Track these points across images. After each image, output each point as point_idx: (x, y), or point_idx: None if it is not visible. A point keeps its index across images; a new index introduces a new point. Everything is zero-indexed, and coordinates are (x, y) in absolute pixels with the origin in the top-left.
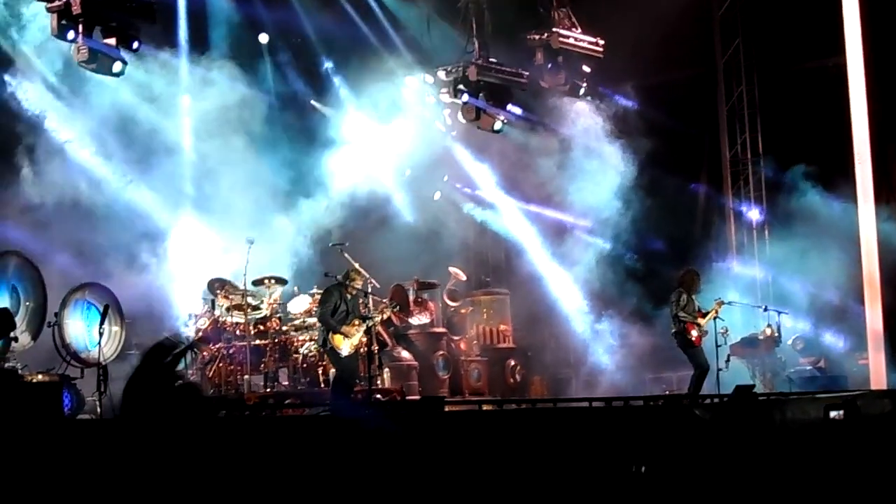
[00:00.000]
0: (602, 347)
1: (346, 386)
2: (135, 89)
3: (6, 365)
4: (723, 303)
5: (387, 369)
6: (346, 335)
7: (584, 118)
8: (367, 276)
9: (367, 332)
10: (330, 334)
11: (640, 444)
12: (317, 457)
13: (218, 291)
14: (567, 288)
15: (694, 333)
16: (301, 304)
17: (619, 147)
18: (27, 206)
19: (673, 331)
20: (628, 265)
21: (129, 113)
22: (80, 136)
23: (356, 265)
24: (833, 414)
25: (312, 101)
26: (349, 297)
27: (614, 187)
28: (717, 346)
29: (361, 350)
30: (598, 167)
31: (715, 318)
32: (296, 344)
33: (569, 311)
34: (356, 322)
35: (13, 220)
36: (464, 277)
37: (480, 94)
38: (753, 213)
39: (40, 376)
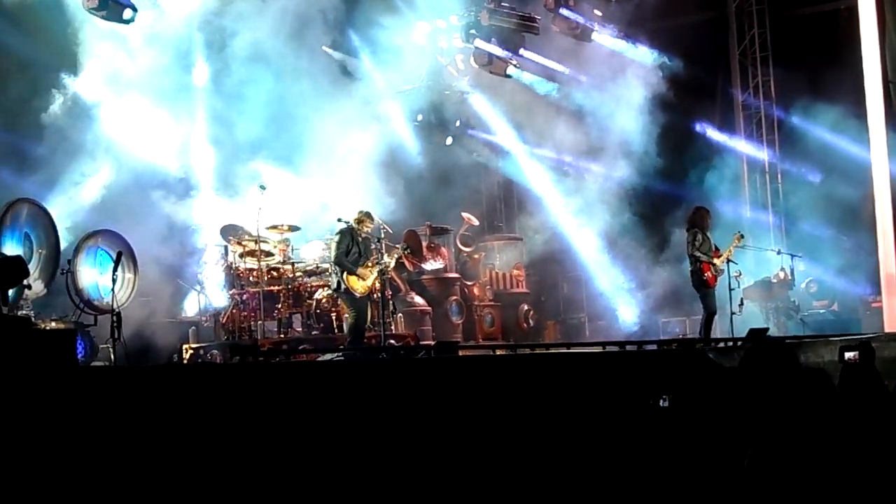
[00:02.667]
0: (615, 292)
1: (360, 331)
2: (147, 35)
3: (20, 312)
4: (742, 236)
5: (400, 314)
6: (361, 277)
7: (595, 62)
8: (380, 221)
9: (381, 276)
10: (345, 276)
11: (654, 388)
12: (330, 403)
13: (231, 238)
14: (580, 233)
15: (708, 274)
16: (314, 250)
17: (631, 91)
18: (43, 156)
19: (689, 271)
20: (641, 209)
21: (145, 59)
22: (95, 83)
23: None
24: (848, 355)
25: (324, 47)
26: (360, 239)
27: (627, 131)
28: (731, 289)
29: (375, 295)
30: (611, 111)
31: (728, 261)
32: (309, 290)
33: (582, 255)
34: (369, 264)
35: (26, 168)
36: (476, 223)
37: (492, 39)
38: (766, 157)
39: (54, 324)
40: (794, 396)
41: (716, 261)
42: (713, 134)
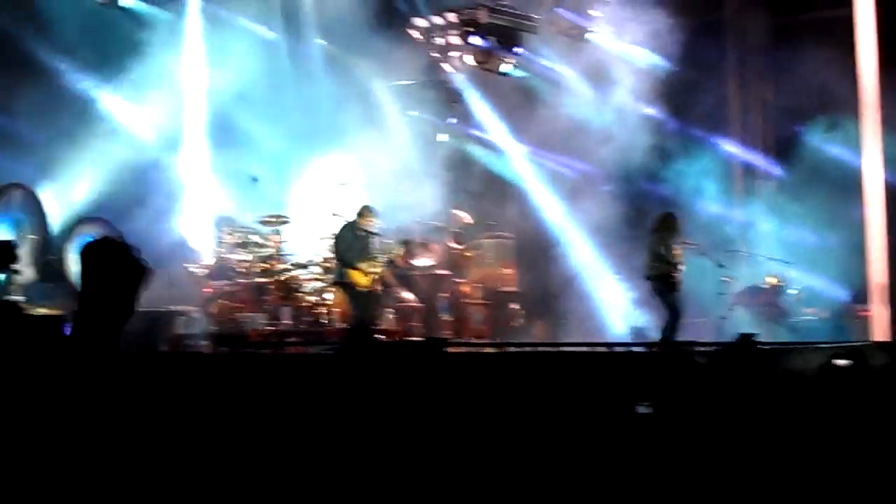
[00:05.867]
0: (607, 293)
1: (366, 326)
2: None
3: (9, 297)
4: (687, 243)
5: (390, 310)
6: (363, 271)
7: (591, 62)
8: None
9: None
10: (346, 270)
11: (640, 389)
12: (318, 395)
13: (224, 229)
14: (573, 234)
15: (677, 277)
16: (305, 243)
17: (627, 92)
18: (31, 140)
19: (653, 274)
20: (636, 212)
21: (130, 39)
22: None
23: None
24: (839, 362)
25: (318, 40)
26: (362, 234)
27: (623, 132)
28: (720, 294)
29: (377, 288)
30: (607, 111)
31: (720, 266)
32: (299, 282)
33: (574, 256)
34: (372, 258)
35: (19, 153)
36: (469, 220)
37: (489, 37)
38: (761, 163)
39: (44, 309)
40: (769, 398)
41: (681, 266)
42: (709, 138)
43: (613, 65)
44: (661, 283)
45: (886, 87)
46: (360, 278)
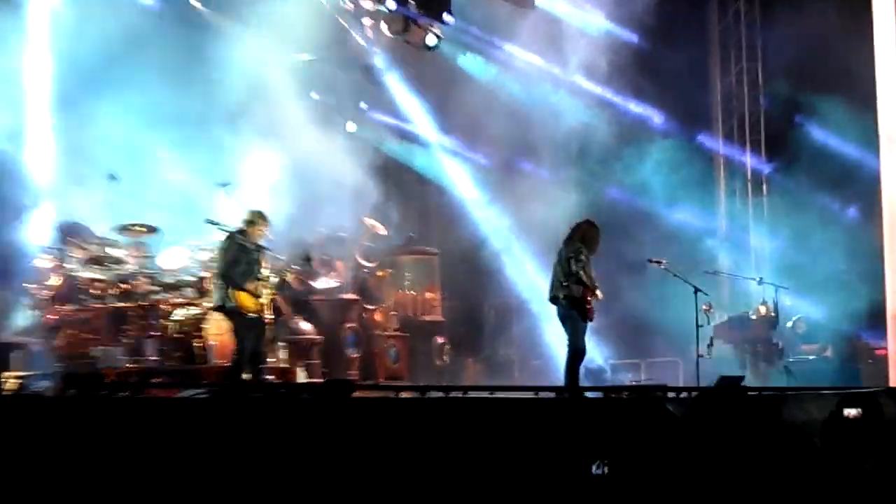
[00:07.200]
0: (553, 324)
1: (255, 358)
2: None
3: None
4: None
5: (282, 344)
6: (251, 293)
7: (536, 34)
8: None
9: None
10: (231, 291)
11: (597, 445)
12: (191, 449)
13: (73, 240)
14: (512, 248)
15: (591, 303)
16: (176, 259)
17: (579, 72)
18: None
19: (562, 295)
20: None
21: None
22: None
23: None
24: (848, 412)
25: (192, 2)
26: (252, 247)
27: (573, 122)
28: (699, 326)
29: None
30: (553, 96)
31: (696, 291)
32: (167, 308)
33: (513, 277)
34: (262, 277)
35: None
36: (383, 231)
37: (409, 2)
38: (749, 161)
39: None
40: (759, 456)
41: (598, 292)
42: (686, 130)
43: (566, 38)
44: (569, 308)
45: None
46: (247, 302)
